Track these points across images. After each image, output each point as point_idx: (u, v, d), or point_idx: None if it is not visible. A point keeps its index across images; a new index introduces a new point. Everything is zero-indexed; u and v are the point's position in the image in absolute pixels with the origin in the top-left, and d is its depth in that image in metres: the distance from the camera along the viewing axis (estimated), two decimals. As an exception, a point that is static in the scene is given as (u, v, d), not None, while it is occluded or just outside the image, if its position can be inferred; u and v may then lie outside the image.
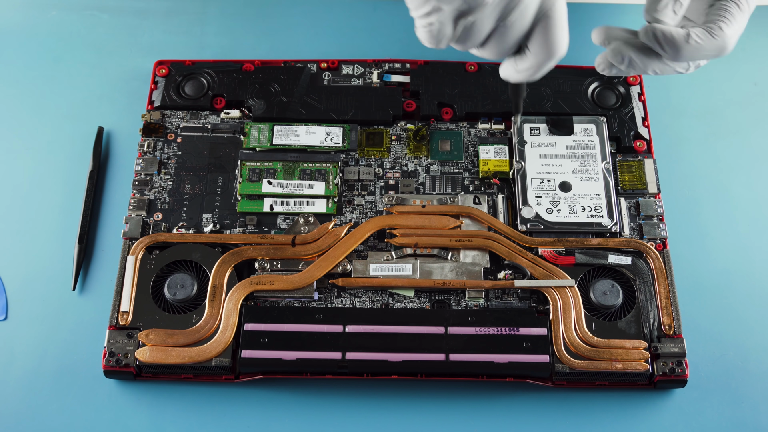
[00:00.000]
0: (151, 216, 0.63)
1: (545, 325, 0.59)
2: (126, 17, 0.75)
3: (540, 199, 0.64)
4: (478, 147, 0.66)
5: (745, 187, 0.68)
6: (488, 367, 0.58)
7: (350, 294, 0.61)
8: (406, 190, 0.65)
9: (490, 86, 0.69)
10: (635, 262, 0.62)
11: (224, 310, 0.59)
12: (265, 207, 0.64)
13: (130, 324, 0.59)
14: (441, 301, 0.61)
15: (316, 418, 0.58)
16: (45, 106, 0.70)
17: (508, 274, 0.62)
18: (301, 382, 0.59)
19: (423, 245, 0.62)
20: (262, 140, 0.66)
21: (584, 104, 0.68)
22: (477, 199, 0.64)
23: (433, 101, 0.68)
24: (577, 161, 0.65)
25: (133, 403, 0.59)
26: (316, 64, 0.70)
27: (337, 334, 0.58)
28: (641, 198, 0.65)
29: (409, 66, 0.70)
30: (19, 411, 0.58)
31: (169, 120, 0.67)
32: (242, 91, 0.68)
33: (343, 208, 0.65)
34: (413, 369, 0.58)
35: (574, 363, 0.58)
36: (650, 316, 0.60)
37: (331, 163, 0.65)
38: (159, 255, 0.61)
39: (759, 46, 0.74)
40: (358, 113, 0.67)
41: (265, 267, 0.61)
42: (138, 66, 0.72)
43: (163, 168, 0.65)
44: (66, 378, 0.59)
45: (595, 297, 0.60)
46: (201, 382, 0.59)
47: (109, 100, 0.70)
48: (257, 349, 0.58)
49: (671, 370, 0.58)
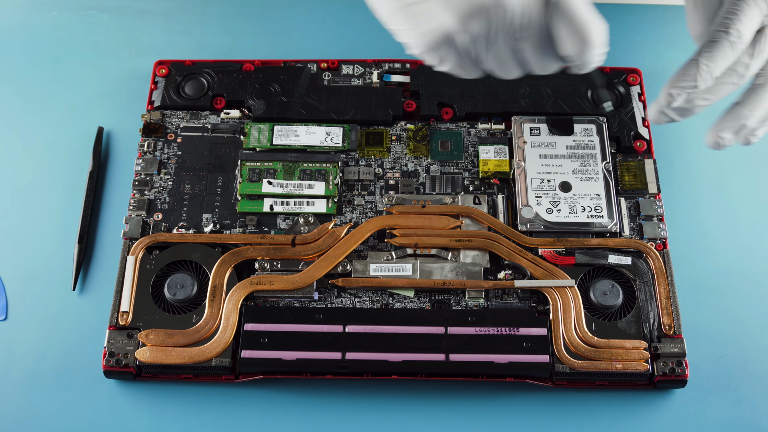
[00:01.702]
0: (151, 216, 0.63)
1: (545, 325, 0.59)
2: (126, 17, 0.75)
3: (540, 199, 0.64)
4: (478, 147, 0.66)
5: (745, 187, 0.68)
6: (488, 367, 0.58)
7: (350, 294, 0.61)
8: (406, 190, 0.65)
9: (490, 86, 0.69)
10: (635, 262, 0.62)
11: (224, 310, 0.59)
12: (265, 207, 0.64)
13: (130, 324, 0.59)
14: (441, 301, 0.61)
15: (316, 418, 0.58)
16: (45, 106, 0.70)
17: (508, 274, 0.62)
18: (301, 382, 0.59)
19: (423, 245, 0.62)
20: (262, 140, 0.66)
21: (584, 104, 0.68)
22: (477, 199, 0.64)
23: (433, 101, 0.68)
24: (577, 161, 0.65)
25: (133, 403, 0.59)
26: (316, 64, 0.70)
27: (337, 334, 0.58)
28: (641, 198, 0.65)
29: (409, 66, 0.70)
30: (19, 411, 0.58)
31: (169, 120, 0.67)
32: (242, 91, 0.68)
33: (343, 208, 0.65)
34: (413, 369, 0.58)
35: (574, 363, 0.58)
36: (650, 316, 0.60)
37: (331, 163, 0.65)
38: (159, 255, 0.61)
39: (759, 46, 0.74)
40: (358, 113, 0.67)
41: (265, 267, 0.61)
42: (138, 66, 0.72)
43: (163, 168, 0.65)
44: (66, 378, 0.59)
45: (595, 297, 0.60)
46: (201, 382, 0.59)
47: (109, 100, 0.70)
48: (257, 349, 0.58)
49: (671, 370, 0.58)
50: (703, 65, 0.53)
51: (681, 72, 0.53)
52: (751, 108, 0.54)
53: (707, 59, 0.53)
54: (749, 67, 0.54)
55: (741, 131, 0.55)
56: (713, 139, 0.55)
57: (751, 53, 0.54)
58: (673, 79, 0.54)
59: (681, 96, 0.53)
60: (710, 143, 0.55)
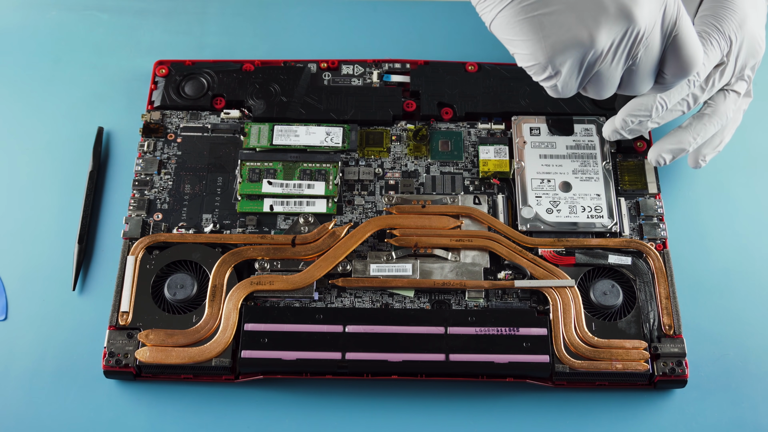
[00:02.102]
0: (151, 216, 0.63)
1: (545, 326, 0.59)
2: (126, 17, 0.75)
3: (540, 200, 0.64)
4: (478, 147, 0.66)
5: (745, 187, 0.68)
6: (488, 367, 0.58)
7: (350, 294, 0.61)
8: (406, 190, 0.65)
9: (491, 86, 0.69)
10: (635, 262, 0.62)
11: (224, 311, 0.59)
12: (265, 207, 0.64)
13: (130, 324, 0.59)
14: (441, 301, 0.61)
15: (316, 418, 0.58)
16: (45, 106, 0.70)
17: (508, 274, 0.62)
18: (301, 382, 0.59)
19: (423, 245, 0.62)
20: (262, 140, 0.66)
21: (584, 104, 0.68)
22: (477, 199, 0.64)
23: (433, 101, 0.68)
24: (577, 161, 0.65)
25: (133, 403, 0.59)
26: (316, 64, 0.70)
27: (337, 334, 0.58)
28: (641, 198, 0.65)
29: (409, 66, 0.70)
30: (19, 411, 0.58)
31: (169, 120, 0.67)
32: (242, 91, 0.68)
33: (343, 208, 0.65)
34: (413, 369, 0.58)
35: (574, 363, 0.58)
36: (650, 317, 0.60)
37: (331, 163, 0.65)
38: (159, 255, 0.61)
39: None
40: (358, 113, 0.67)
41: (265, 267, 0.61)
42: (138, 66, 0.72)
43: (163, 168, 0.65)
44: (66, 378, 0.59)
45: (595, 297, 0.60)
46: (201, 382, 0.59)
47: (109, 100, 0.70)
48: (257, 349, 0.58)
49: (671, 370, 0.58)
50: (660, 100, 0.59)
51: (638, 102, 0.60)
52: (695, 135, 0.61)
53: (664, 95, 0.59)
54: (698, 99, 0.60)
55: (686, 154, 0.62)
56: (655, 157, 0.62)
57: (703, 87, 0.60)
58: (630, 106, 0.60)
59: (635, 122, 0.61)
60: (651, 160, 0.63)
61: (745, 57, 0.60)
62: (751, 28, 0.59)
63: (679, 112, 0.61)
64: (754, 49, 0.60)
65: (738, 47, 0.59)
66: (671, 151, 0.62)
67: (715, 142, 0.63)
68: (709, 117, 0.62)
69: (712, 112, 0.62)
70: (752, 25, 0.59)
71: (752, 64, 0.61)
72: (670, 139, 0.62)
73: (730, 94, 0.62)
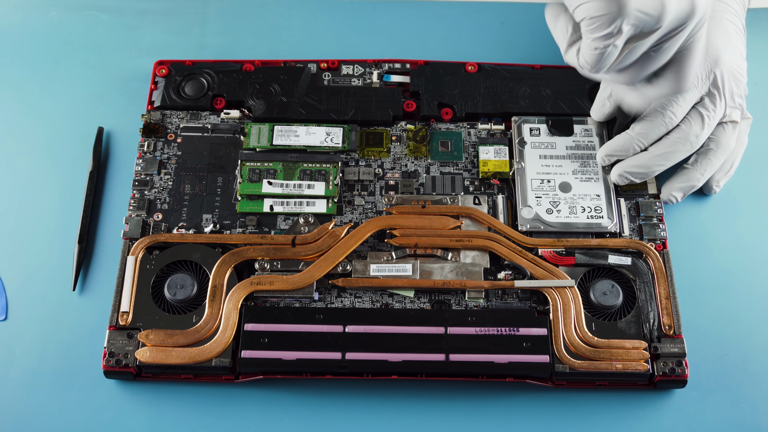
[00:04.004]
0: (151, 216, 0.63)
1: (545, 326, 0.59)
2: (126, 17, 0.75)
3: (540, 200, 0.64)
4: (478, 147, 0.66)
5: (745, 187, 0.68)
6: (488, 368, 0.58)
7: (350, 294, 0.61)
8: (406, 191, 0.65)
9: (490, 87, 0.69)
10: (635, 262, 0.62)
11: (224, 311, 0.59)
12: (265, 207, 0.64)
13: (130, 324, 0.59)
14: (441, 301, 0.61)
15: (316, 418, 0.58)
16: (45, 107, 0.70)
17: (508, 274, 0.62)
18: (301, 382, 0.59)
19: (423, 245, 0.62)
20: (262, 140, 0.66)
21: (584, 104, 0.68)
22: (477, 199, 0.64)
23: (433, 101, 0.68)
24: (577, 162, 0.65)
25: (133, 403, 0.59)
26: (316, 64, 0.70)
27: (337, 335, 0.58)
28: (641, 198, 0.65)
29: (409, 66, 0.70)
30: (19, 411, 0.58)
31: (169, 120, 0.67)
32: (242, 91, 0.68)
33: (343, 208, 0.65)
34: (413, 369, 0.58)
35: (574, 363, 0.58)
36: (650, 317, 0.60)
37: (331, 164, 0.65)
38: (159, 255, 0.61)
39: (759, 47, 0.74)
40: (358, 113, 0.67)
41: (265, 267, 0.61)
42: (138, 66, 0.72)
43: (163, 168, 0.65)
44: (66, 378, 0.59)
45: (595, 297, 0.60)
46: (201, 382, 0.59)
47: (109, 100, 0.70)
48: (257, 349, 0.58)
49: (671, 370, 0.58)
50: (637, 140, 0.62)
51: (616, 141, 0.63)
52: (702, 171, 0.64)
53: (640, 136, 0.62)
54: (700, 137, 0.62)
55: (696, 189, 0.65)
56: (666, 197, 0.65)
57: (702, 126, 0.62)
58: (609, 146, 0.63)
59: (613, 159, 0.63)
60: (664, 199, 0.65)
61: (730, 87, 0.62)
62: (727, 62, 0.61)
63: (684, 152, 0.63)
64: (737, 78, 0.62)
65: (721, 81, 0.61)
66: (681, 189, 0.64)
67: (726, 168, 0.65)
68: (714, 151, 0.64)
69: (716, 146, 0.64)
70: (728, 59, 0.62)
71: (739, 92, 0.63)
72: (679, 179, 0.64)
73: (729, 125, 0.64)
